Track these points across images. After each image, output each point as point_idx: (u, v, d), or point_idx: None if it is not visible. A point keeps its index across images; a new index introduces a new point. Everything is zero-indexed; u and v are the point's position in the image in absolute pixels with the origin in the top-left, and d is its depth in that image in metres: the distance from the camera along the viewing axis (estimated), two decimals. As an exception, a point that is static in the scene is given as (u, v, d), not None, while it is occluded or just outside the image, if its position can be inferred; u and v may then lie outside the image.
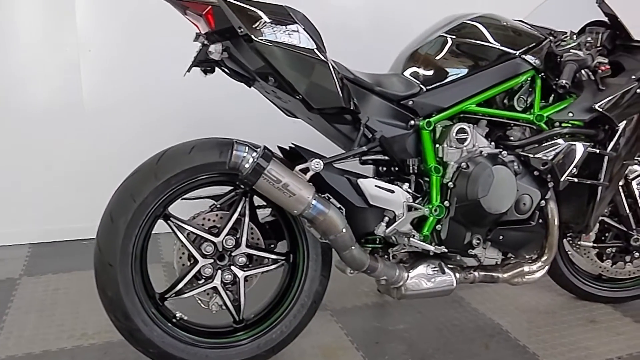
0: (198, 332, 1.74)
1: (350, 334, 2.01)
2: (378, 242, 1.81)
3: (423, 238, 1.77)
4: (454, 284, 1.87)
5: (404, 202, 1.73)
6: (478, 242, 1.81)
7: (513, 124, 1.85)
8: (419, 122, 1.77)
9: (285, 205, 1.60)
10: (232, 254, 1.70)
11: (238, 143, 1.56)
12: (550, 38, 1.89)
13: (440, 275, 1.85)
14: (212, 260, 1.68)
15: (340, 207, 1.66)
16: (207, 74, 1.73)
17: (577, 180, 1.83)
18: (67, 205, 2.76)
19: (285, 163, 1.65)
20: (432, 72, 1.81)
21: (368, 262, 1.71)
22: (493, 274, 1.93)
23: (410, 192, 1.76)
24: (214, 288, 1.69)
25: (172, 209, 1.68)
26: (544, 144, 1.81)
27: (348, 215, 1.68)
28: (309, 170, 1.62)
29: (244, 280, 1.72)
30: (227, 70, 1.72)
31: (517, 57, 1.81)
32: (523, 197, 1.80)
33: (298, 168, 1.61)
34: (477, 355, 1.90)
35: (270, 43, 1.52)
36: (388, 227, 1.72)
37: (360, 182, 1.70)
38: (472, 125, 1.80)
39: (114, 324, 1.63)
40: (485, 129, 1.86)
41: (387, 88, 1.77)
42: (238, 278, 1.70)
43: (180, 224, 1.66)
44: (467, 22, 1.85)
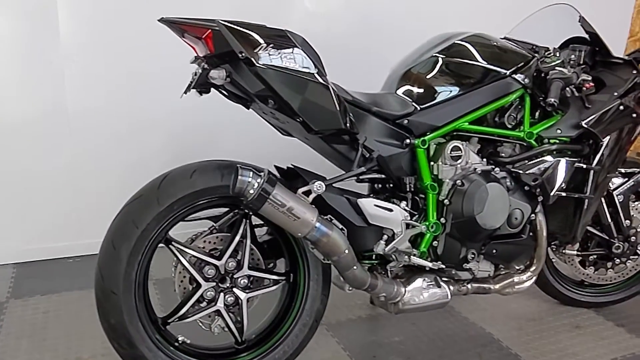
0: (200, 355, 1.74)
1: (348, 349, 2.04)
2: (375, 257, 1.84)
3: (420, 254, 1.81)
4: (449, 297, 1.91)
5: (402, 220, 1.76)
6: (473, 256, 1.86)
7: (503, 141, 1.91)
8: (415, 140, 1.80)
9: (290, 229, 1.62)
10: (234, 276, 1.71)
11: (242, 168, 1.56)
12: (537, 56, 1.95)
13: (436, 289, 1.89)
14: (214, 284, 1.68)
15: (342, 227, 1.69)
16: (202, 94, 1.73)
17: (565, 194, 1.90)
18: (50, 223, 2.70)
19: (285, 184, 1.66)
20: (425, 91, 1.85)
21: (369, 280, 1.74)
22: (485, 286, 1.98)
23: (408, 210, 1.80)
24: (217, 311, 1.69)
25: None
26: (534, 161, 1.87)
27: (348, 234, 1.71)
28: (311, 193, 1.64)
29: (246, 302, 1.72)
30: (224, 92, 1.72)
31: (507, 76, 1.86)
32: (514, 211, 1.86)
33: (301, 191, 1.63)
34: (472, 366, 1.96)
35: (272, 67, 1.53)
36: (387, 245, 1.76)
37: (360, 202, 1.72)
38: (465, 143, 1.85)
39: (118, 352, 1.62)
40: (477, 146, 1.92)
41: (383, 108, 1.80)
42: (240, 300, 1.71)
43: (182, 248, 1.66)
44: (458, 42, 1.89)
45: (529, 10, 2.27)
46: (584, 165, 1.91)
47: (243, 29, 1.53)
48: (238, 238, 1.68)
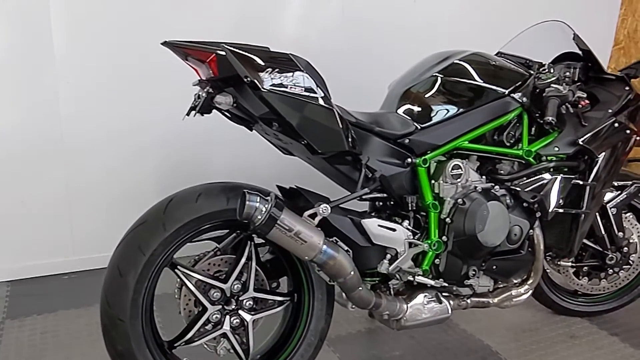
0: (206, 377, 1.74)
1: (350, 364, 2.06)
2: (376, 275, 1.86)
3: (422, 272, 1.83)
4: (449, 312, 1.93)
5: (405, 239, 1.78)
6: (474, 272, 1.89)
7: (502, 158, 1.94)
8: (416, 159, 1.82)
9: (297, 252, 1.62)
10: (239, 298, 1.71)
11: (249, 193, 1.56)
12: (533, 74, 1.98)
13: (437, 305, 1.91)
14: (220, 306, 1.68)
15: (348, 249, 1.70)
16: (203, 115, 1.72)
17: (562, 211, 1.94)
18: (44, 240, 2.67)
19: (289, 205, 1.66)
20: (426, 110, 1.87)
21: (374, 300, 1.76)
22: (484, 300, 2.01)
23: (410, 228, 1.82)
24: (223, 334, 1.69)
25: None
26: (533, 178, 1.90)
27: (352, 254, 1.72)
28: (317, 215, 1.65)
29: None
30: (227, 114, 1.72)
31: (506, 95, 1.89)
32: (514, 228, 1.89)
33: (307, 214, 1.63)
34: (473, 379, 1.99)
35: (277, 91, 1.53)
36: (391, 264, 1.77)
37: (364, 222, 1.73)
38: (465, 161, 1.88)
39: (125, 378, 1.61)
40: (476, 163, 1.94)
41: (384, 127, 1.81)
42: (246, 322, 1.71)
43: (188, 272, 1.65)
44: (457, 62, 1.92)
45: (518, 28, 2.33)
46: (581, 182, 1.95)
47: (248, 54, 1.53)
48: (244, 260, 1.69)
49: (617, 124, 1.98)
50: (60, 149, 2.63)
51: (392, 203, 1.88)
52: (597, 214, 2.20)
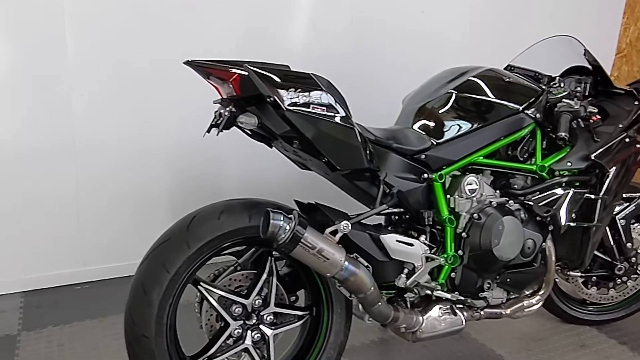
0: (227, 390, 1.76)
1: (365, 375, 2.09)
2: (392, 288, 1.88)
3: (439, 286, 1.86)
4: (464, 324, 1.96)
5: (423, 254, 1.81)
6: (488, 285, 1.93)
7: (515, 173, 1.97)
8: (432, 175, 1.85)
9: (319, 269, 1.65)
10: (260, 313, 1.73)
11: (273, 212, 1.58)
12: (545, 88, 2.01)
13: (452, 317, 1.94)
14: (241, 322, 1.71)
15: (368, 265, 1.72)
16: (222, 130, 1.74)
17: (575, 224, 1.97)
18: (56, 250, 2.68)
19: (309, 221, 1.69)
20: (441, 126, 1.90)
21: (392, 314, 1.79)
22: (497, 311, 2.04)
23: (427, 243, 1.85)
24: (245, 349, 1.71)
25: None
26: (546, 193, 1.94)
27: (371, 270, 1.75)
28: (338, 232, 1.67)
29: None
30: (248, 132, 1.74)
31: (520, 112, 1.92)
32: (527, 242, 1.92)
33: (328, 231, 1.66)
34: (487, 390, 2.02)
35: (299, 111, 1.56)
36: (408, 278, 1.80)
37: (382, 238, 1.76)
38: (479, 176, 1.91)
39: (150, 393, 1.63)
40: (490, 178, 1.97)
41: (401, 143, 1.84)
42: (267, 336, 1.74)
43: (211, 288, 1.68)
44: (472, 78, 1.95)
45: (522, 37, 2.37)
46: (592, 196, 1.99)
47: (269, 73, 1.55)
48: (265, 276, 1.71)
49: (627, 139, 2.02)
50: (71, 157, 2.64)
51: (407, 217, 1.91)
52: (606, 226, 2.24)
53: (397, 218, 1.94)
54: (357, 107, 1.80)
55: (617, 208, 2.24)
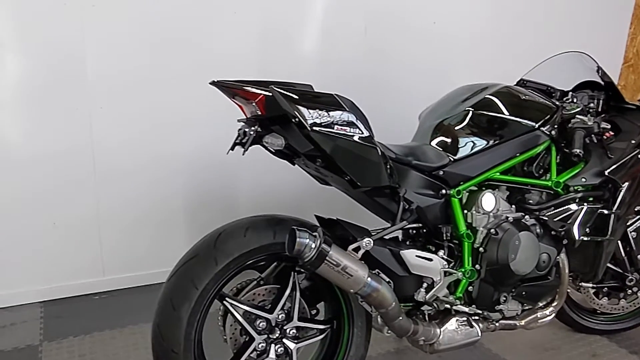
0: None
1: (382, 385, 2.13)
2: (410, 301, 1.92)
3: (457, 299, 1.90)
4: (479, 335, 2.00)
5: (441, 268, 1.85)
6: (504, 299, 1.97)
7: (531, 189, 2.01)
8: (450, 191, 1.89)
9: (342, 285, 1.69)
10: (283, 327, 1.77)
11: (299, 230, 1.61)
12: (559, 105, 2.05)
13: (468, 329, 1.98)
14: (265, 336, 1.75)
15: (389, 280, 1.76)
16: (247, 149, 1.78)
17: (588, 239, 2.02)
18: (74, 261, 2.73)
19: (332, 238, 1.72)
20: (459, 143, 1.94)
21: (412, 327, 1.83)
22: (512, 322, 2.08)
23: (445, 258, 1.89)
24: (269, 362, 1.76)
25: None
26: (561, 208, 1.98)
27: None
28: (360, 249, 1.71)
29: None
30: (271, 150, 1.78)
31: (536, 129, 1.96)
32: (542, 255, 1.96)
33: (351, 248, 1.70)
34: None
35: (324, 131, 1.59)
36: (427, 292, 1.84)
37: (402, 253, 1.80)
38: (496, 191, 1.95)
39: (177, 407, 1.67)
40: (506, 193, 2.02)
41: (420, 160, 1.88)
42: (290, 350, 1.78)
43: (235, 304, 1.72)
44: (489, 97, 1.99)
45: (533, 50, 2.41)
46: (606, 211, 2.03)
47: (294, 94, 1.59)
48: (288, 291, 1.75)
49: (640, 155, 2.06)
50: (90, 170, 2.68)
51: (424, 231, 1.95)
52: (618, 238, 2.28)
53: (414, 232, 1.98)
54: (369, 109, 1.84)
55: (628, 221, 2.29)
